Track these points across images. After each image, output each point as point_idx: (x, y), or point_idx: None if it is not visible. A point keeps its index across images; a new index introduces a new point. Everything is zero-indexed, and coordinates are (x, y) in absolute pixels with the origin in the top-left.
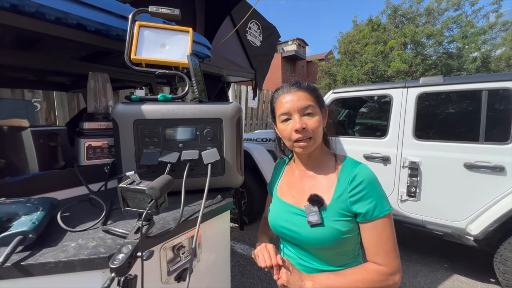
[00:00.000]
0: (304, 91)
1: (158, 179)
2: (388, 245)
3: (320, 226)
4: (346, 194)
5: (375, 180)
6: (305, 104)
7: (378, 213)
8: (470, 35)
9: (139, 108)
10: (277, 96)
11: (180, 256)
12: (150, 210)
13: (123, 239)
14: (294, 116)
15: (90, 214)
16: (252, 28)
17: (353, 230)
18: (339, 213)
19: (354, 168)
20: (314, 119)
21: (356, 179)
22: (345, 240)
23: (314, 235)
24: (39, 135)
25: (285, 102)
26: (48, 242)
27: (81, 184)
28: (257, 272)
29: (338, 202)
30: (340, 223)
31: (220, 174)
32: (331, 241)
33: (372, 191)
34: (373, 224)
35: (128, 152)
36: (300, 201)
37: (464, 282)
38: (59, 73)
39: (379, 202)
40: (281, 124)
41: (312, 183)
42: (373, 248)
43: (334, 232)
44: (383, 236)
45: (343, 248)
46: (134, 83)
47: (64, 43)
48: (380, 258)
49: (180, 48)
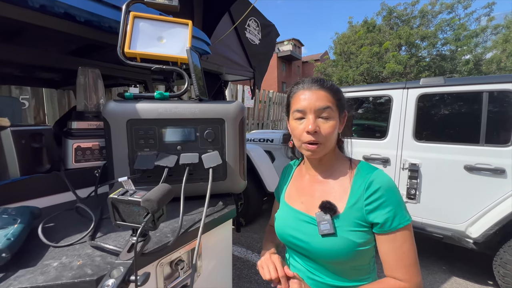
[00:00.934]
0: (325, 91)
1: (155, 189)
2: (409, 259)
3: (333, 236)
4: (362, 202)
5: (393, 187)
6: (323, 105)
7: (397, 224)
8: (463, 38)
9: (133, 106)
10: (296, 91)
11: (179, 271)
12: (146, 225)
13: (115, 257)
14: (308, 116)
15: (77, 225)
16: (251, 25)
17: (369, 242)
18: (354, 223)
19: (370, 174)
20: (329, 124)
21: (372, 185)
22: (360, 253)
23: (326, 246)
24: (20, 135)
25: (302, 98)
26: (25, 261)
27: (68, 189)
28: (254, 276)
29: (353, 211)
30: (355, 234)
31: (222, 179)
32: (344, 253)
33: (390, 199)
34: (392, 236)
35: (121, 155)
36: (310, 208)
37: (462, 285)
38: (47, 68)
39: (399, 212)
40: (293, 121)
41: (324, 188)
42: (392, 262)
43: (348, 243)
44: (403, 249)
45: (358, 261)
46: (128, 81)
47: (51, 35)
48: (400, 273)
49: (179, 42)
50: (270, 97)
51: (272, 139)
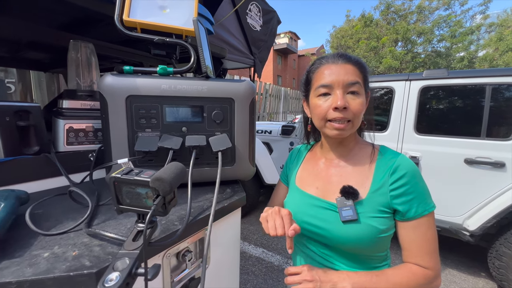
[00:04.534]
0: (353, 65)
1: (166, 168)
2: (433, 246)
3: (356, 222)
4: (387, 187)
5: (418, 173)
6: (352, 79)
7: (422, 210)
8: (458, 35)
9: (133, 81)
10: (318, 66)
11: (186, 263)
12: (156, 210)
13: (116, 247)
14: (336, 91)
15: (70, 212)
16: (253, 10)
17: (390, 228)
18: (377, 209)
19: (395, 159)
20: (359, 101)
21: (398, 170)
22: (381, 240)
23: (348, 233)
24: (4, 111)
25: (328, 73)
26: (10, 252)
27: (59, 174)
28: (252, 268)
29: (377, 196)
30: (378, 220)
31: (230, 164)
32: (366, 240)
33: (416, 185)
34: (416, 222)
35: (119, 135)
36: (327, 193)
37: (456, 276)
38: (34, 45)
39: (424, 198)
40: (315, 99)
41: (342, 173)
42: (416, 249)
43: (371, 230)
44: (427, 235)
45: (377, 249)
46: (122, 63)
47: (37, 2)
48: (424, 260)
49: (183, 12)
50: (266, 89)
51: (270, 131)
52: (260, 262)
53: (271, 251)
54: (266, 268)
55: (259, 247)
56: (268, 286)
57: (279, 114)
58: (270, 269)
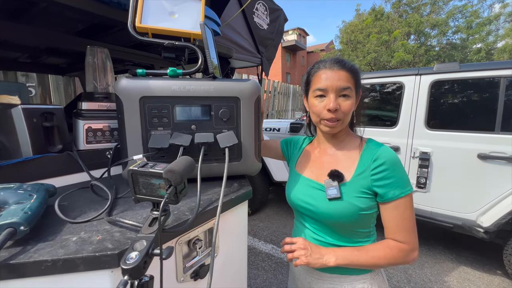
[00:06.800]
0: (346, 71)
1: (177, 161)
2: (410, 224)
3: (339, 200)
4: (368, 172)
5: (398, 161)
6: (344, 85)
7: (399, 193)
8: (475, 26)
9: (146, 83)
10: (317, 70)
11: (197, 250)
12: (169, 198)
13: (134, 233)
14: (329, 95)
15: (92, 203)
16: (259, 9)
17: (372, 207)
18: (359, 190)
19: (378, 149)
20: (348, 102)
21: (379, 158)
22: (362, 217)
23: (332, 209)
24: (31, 113)
25: (324, 78)
26: (44, 236)
27: (80, 170)
28: (261, 263)
29: (359, 179)
30: (359, 200)
31: (237, 159)
32: (348, 216)
33: (394, 171)
34: (395, 204)
35: (134, 133)
36: (319, 176)
37: (470, 274)
38: (53, 51)
39: (401, 182)
40: (313, 99)
41: (332, 160)
42: (394, 227)
43: (352, 207)
44: (404, 215)
45: (359, 225)
46: (134, 66)
47: (57, 12)
48: (401, 236)
49: (191, 17)
50: (275, 87)
51: (279, 128)
52: (270, 258)
53: (280, 248)
54: (275, 263)
55: (268, 243)
56: (277, 281)
57: (288, 111)
58: (280, 265)
